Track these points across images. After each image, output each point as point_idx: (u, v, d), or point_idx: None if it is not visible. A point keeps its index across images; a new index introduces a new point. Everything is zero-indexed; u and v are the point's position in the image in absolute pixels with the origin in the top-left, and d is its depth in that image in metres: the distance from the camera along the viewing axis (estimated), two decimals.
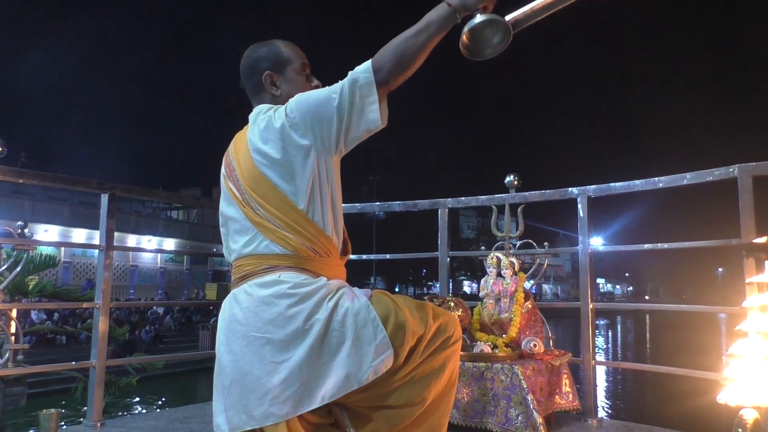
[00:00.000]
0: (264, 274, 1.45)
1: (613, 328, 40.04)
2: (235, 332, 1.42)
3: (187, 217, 35.94)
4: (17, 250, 2.73)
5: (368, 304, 1.45)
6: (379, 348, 1.41)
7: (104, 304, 2.87)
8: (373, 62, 1.42)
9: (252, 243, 1.48)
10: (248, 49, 1.67)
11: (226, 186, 1.56)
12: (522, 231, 3.20)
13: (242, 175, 1.50)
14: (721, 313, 3.90)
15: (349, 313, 1.41)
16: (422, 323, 1.50)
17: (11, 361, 2.73)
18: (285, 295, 1.40)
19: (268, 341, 1.37)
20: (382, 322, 1.43)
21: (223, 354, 1.44)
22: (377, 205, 4.67)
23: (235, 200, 1.52)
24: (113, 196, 2.94)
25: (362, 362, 1.39)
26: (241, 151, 1.53)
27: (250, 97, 1.67)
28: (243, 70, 1.66)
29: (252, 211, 1.47)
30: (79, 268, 26.94)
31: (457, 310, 2.78)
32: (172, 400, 12.81)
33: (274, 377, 1.35)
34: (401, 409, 1.47)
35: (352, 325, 1.40)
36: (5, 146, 2.65)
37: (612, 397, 14.83)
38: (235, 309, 1.45)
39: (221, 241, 1.65)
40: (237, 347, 1.41)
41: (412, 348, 1.47)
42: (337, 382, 1.37)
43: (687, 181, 2.73)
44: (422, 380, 1.49)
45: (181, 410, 3.19)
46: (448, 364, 1.54)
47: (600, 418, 2.95)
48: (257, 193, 1.47)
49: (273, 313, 1.38)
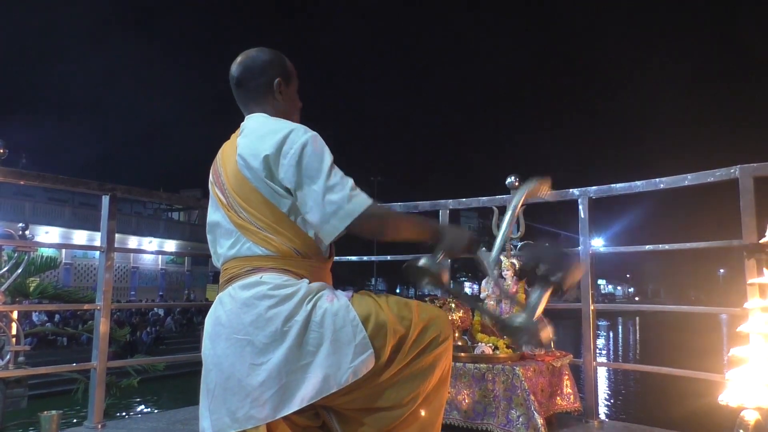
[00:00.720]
0: (247, 275, 1.45)
1: (614, 330, 39.99)
2: (219, 335, 1.43)
3: (188, 218, 35.95)
4: (18, 251, 2.73)
5: (348, 305, 1.44)
6: (359, 348, 1.39)
7: (105, 305, 2.87)
8: (369, 210, 1.42)
9: (236, 245, 1.48)
10: (252, 50, 1.64)
11: (213, 192, 1.57)
12: (523, 232, 3.19)
13: (227, 178, 1.51)
14: (723, 314, 3.89)
15: (327, 314, 1.40)
16: (404, 321, 1.47)
17: (12, 362, 2.73)
18: (265, 296, 1.39)
19: (249, 343, 1.37)
20: (362, 323, 1.42)
21: (208, 357, 1.45)
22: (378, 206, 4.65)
23: (221, 205, 1.53)
24: (114, 198, 2.94)
25: (341, 363, 1.38)
26: (228, 156, 1.54)
27: (246, 98, 1.63)
28: (250, 68, 1.61)
29: (235, 214, 1.48)
30: (80, 270, 26.96)
31: (458, 312, 2.77)
32: (173, 402, 12.80)
33: (253, 379, 1.35)
34: (390, 410, 1.46)
35: (331, 326, 1.39)
36: (6, 147, 2.65)
37: (613, 398, 14.81)
38: (219, 311, 1.46)
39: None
40: (220, 350, 1.41)
41: (396, 348, 1.45)
42: (317, 383, 1.36)
43: (688, 182, 2.73)
44: (410, 380, 1.47)
45: (182, 411, 3.19)
46: (438, 364, 1.52)
47: (601, 419, 2.95)
48: (240, 196, 1.47)
49: (253, 315, 1.38)
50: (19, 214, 22.75)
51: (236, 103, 1.66)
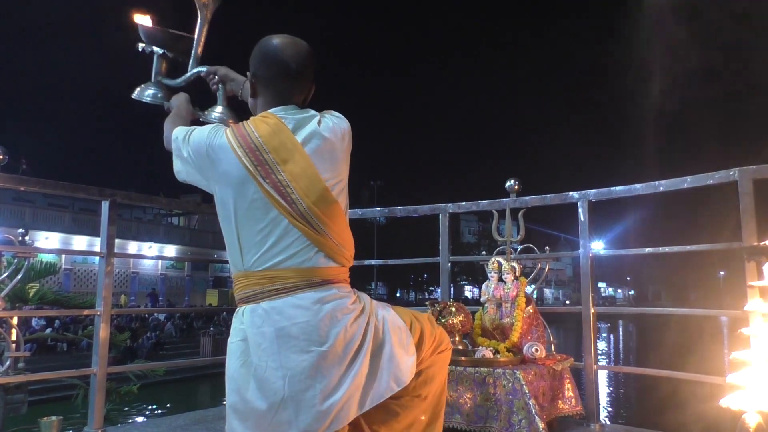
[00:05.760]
0: (317, 288, 1.42)
1: (615, 332, 39.93)
2: (290, 347, 1.38)
3: (187, 223, 35.93)
4: (18, 257, 2.72)
5: (395, 313, 1.60)
6: (410, 352, 1.55)
7: (105, 310, 2.87)
8: None
9: (301, 255, 1.43)
10: (306, 44, 1.56)
11: (260, 187, 1.42)
12: (523, 235, 3.19)
13: (294, 179, 1.42)
14: (723, 317, 3.89)
15: (386, 321, 1.54)
16: (433, 332, 1.65)
17: (12, 368, 2.72)
18: (348, 310, 1.45)
19: (335, 355, 1.40)
20: (408, 329, 1.58)
21: (267, 370, 1.38)
22: (378, 210, 4.66)
23: (278, 207, 1.42)
24: (114, 203, 2.94)
25: (401, 365, 1.51)
26: (290, 151, 1.44)
27: (294, 89, 1.54)
28: (311, 63, 1.56)
29: (308, 226, 1.42)
30: (80, 275, 26.95)
31: (459, 315, 2.77)
32: (174, 407, 12.78)
33: (339, 390, 1.39)
34: (408, 399, 1.60)
35: (390, 332, 1.52)
36: (6, 153, 2.65)
37: (614, 401, 14.78)
38: (282, 323, 1.39)
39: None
40: (294, 363, 1.37)
41: (425, 351, 1.62)
42: (385, 384, 1.48)
43: (687, 184, 2.74)
44: (428, 377, 1.63)
45: (182, 417, 3.18)
46: (444, 365, 1.71)
47: (602, 422, 2.94)
48: (320, 208, 1.43)
49: (339, 327, 1.41)
50: (19, 219, 22.76)
51: (272, 89, 1.55)
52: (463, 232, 50.47)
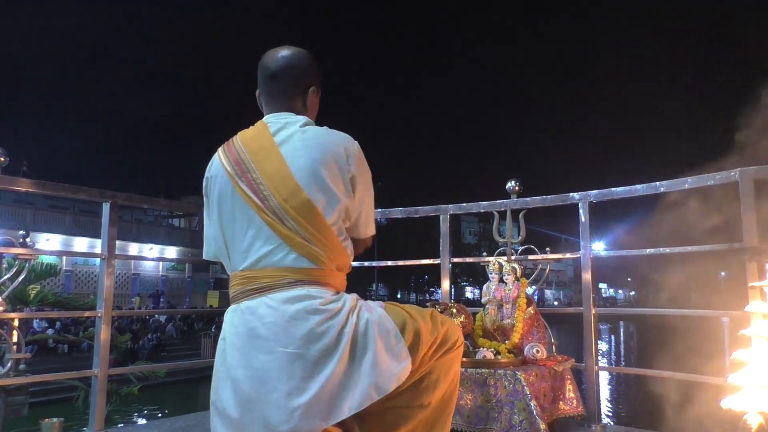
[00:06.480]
0: (288, 287, 1.40)
1: (616, 333, 39.89)
2: (257, 347, 1.37)
3: (188, 224, 35.95)
4: (19, 259, 2.73)
5: (386, 315, 1.49)
6: (399, 356, 1.45)
7: (106, 312, 2.87)
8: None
9: (276, 254, 1.42)
10: (295, 49, 1.59)
11: (236, 187, 1.47)
12: (524, 236, 3.19)
13: (270, 181, 1.44)
14: (724, 318, 3.88)
15: (370, 324, 1.43)
16: (434, 330, 1.55)
17: (13, 370, 2.72)
18: (317, 311, 1.38)
19: (300, 357, 1.34)
20: (400, 332, 1.47)
21: (238, 369, 1.39)
22: (378, 211, 4.66)
23: (252, 206, 1.44)
24: (114, 205, 2.94)
25: (385, 372, 1.41)
26: (268, 156, 1.46)
27: (276, 94, 1.58)
28: (295, 65, 1.57)
29: (278, 221, 1.42)
30: (80, 277, 26.96)
31: (460, 317, 2.77)
32: (174, 409, 12.77)
33: (305, 393, 1.33)
34: (408, 409, 1.52)
35: (374, 336, 1.42)
36: (7, 155, 2.66)
37: (615, 402, 14.76)
38: (253, 323, 1.39)
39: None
40: (260, 363, 1.36)
41: (424, 354, 1.52)
42: (363, 392, 1.38)
43: (688, 185, 2.73)
44: (429, 383, 1.55)
45: (183, 419, 3.18)
46: (453, 367, 1.62)
47: (604, 423, 2.94)
48: (289, 203, 1.42)
49: (305, 329, 1.36)
50: (20, 221, 22.78)
51: (263, 96, 1.60)
52: (464, 233, 50.45)
